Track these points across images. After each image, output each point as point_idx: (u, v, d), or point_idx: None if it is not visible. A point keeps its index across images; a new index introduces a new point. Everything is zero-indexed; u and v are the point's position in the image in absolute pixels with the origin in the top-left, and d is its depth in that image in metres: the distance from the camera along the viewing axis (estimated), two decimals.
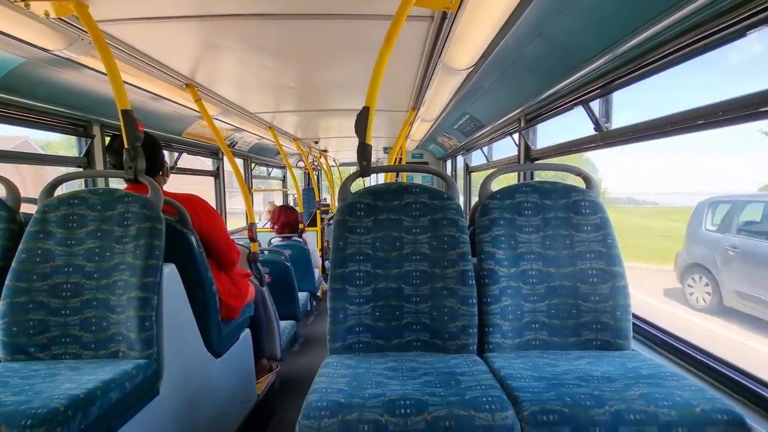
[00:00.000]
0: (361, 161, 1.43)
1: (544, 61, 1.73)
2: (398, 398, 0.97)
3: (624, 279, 1.38)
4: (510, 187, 1.48)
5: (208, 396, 1.68)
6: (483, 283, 1.38)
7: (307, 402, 0.98)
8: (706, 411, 0.92)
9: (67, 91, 1.97)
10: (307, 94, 2.92)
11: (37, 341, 1.32)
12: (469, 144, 4.11)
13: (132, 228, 1.39)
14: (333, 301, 1.34)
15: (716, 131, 1.23)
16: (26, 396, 1.01)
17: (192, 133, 3.25)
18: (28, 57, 1.64)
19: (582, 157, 7.42)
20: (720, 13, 1.04)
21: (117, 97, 1.47)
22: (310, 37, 1.80)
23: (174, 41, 1.77)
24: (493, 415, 0.93)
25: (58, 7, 1.36)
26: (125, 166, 1.49)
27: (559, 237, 1.41)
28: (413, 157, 5.95)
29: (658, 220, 11.25)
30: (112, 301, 1.34)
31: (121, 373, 1.17)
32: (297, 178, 6.15)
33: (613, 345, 1.34)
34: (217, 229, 1.79)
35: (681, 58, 1.26)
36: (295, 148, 4.99)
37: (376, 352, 1.33)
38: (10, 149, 2.06)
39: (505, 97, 2.39)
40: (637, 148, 10.15)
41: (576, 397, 0.98)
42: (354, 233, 1.39)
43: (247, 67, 2.22)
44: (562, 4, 1.30)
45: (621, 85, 1.58)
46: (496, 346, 1.35)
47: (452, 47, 1.68)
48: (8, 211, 1.48)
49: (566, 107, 2.02)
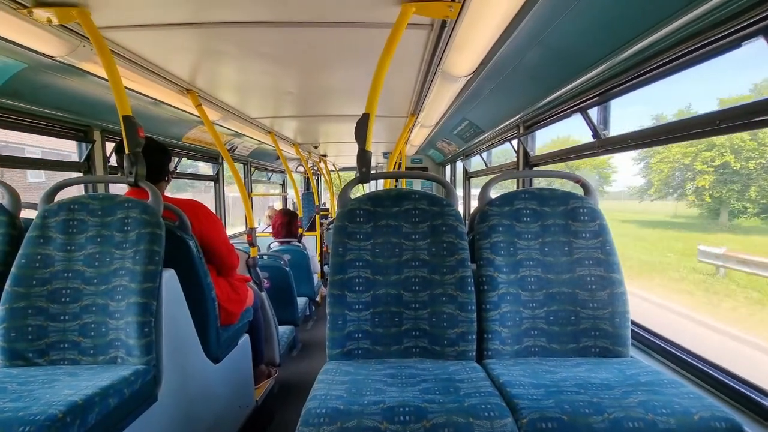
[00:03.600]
0: (360, 167, 1.43)
1: (543, 69, 1.75)
2: (397, 405, 0.97)
3: (622, 286, 1.38)
4: (509, 194, 1.49)
5: (207, 402, 1.67)
6: (482, 290, 1.38)
7: (306, 408, 0.98)
8: (705, 419, 0.93)
9: (69, 96, 1.98)
10: (307, 100, 2.94)
11: (35, 347, 1.31)
12: (469, 149, 4.12)
13: (132, 233, 1.39)
14: (332, 307, 1.34)
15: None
16: (24, 402, 1.01)
17: (192, 138, 3.25)
18: (30, 63, 1.65)
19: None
20: (716, 23, 1.06)
21: (118, 102, 1.48)
22: (311, 44, 1.81)
23: (175, 47, 1.79)
24: (492, 423, 0.93)
25: (61, 14, 1.37)
26: (126, 171, 1.50)
27: (558, 244, 1.42)
28: (413, 162, 5.96)
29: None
30: (112, 306, 1.34)
31: (119, 380, 1.17)
32: (296, 182, 6.15)
33: (612, 352, 1.34)
34: (216, 235, 1.80)
35: (678, 67, 1.27)
36: (295, 152, 5.00)
37: (375, 358, 1.33)
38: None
39: (504, 104, 2.41)
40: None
41: (575, 404, 0.98)
42: (353, 239, 1.39)
43: (248, 73, 2.23)
44: (561, 13, 1.31)
45: (619, 93, 1.60)
46: (495, 352, 1.35)
47: (452, 55, 1.69)
48: (8, 216, 1.48)
49: (565, 114, 2.03)
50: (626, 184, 23.30)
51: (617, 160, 25.28)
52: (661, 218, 16.02)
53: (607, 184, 20.22)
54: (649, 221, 16.14)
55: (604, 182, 19.91)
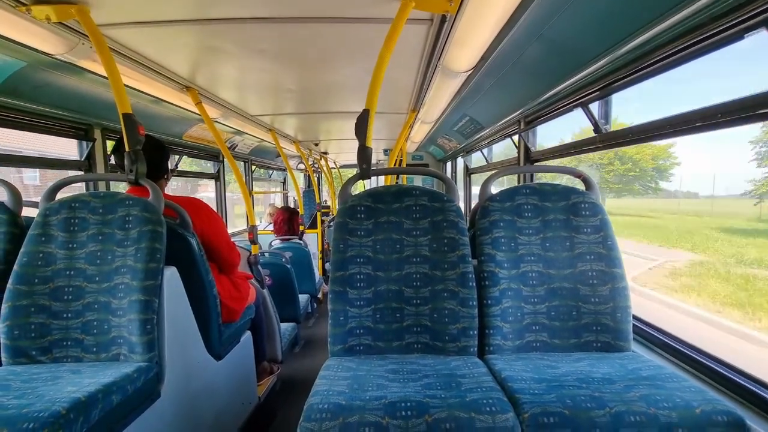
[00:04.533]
0: (361, 164, 1.43)
1: (544, 64, 1.74)
2: (399, 400, 0.97)
3: (624, 280, 1.38)
4: (510, 189, 1.49)
5: (209, 399, 1.68)
6: (483, 285, 1.38)
7: (308, 404, 0.98)
8: (707, 412, 0.93)
9: (68, 94, 1.98)
10: (307, 97, 2.93)
11: (38, 344, 1.32)
12: (469, 146, 4.11)
13: (133, 231, 1.39)
14: (333, 303, 1.35)
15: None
16: (28, 399, 1.01)
17: (192, 136, 3.25)
18: (30, 61, 1.65)
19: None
20: (718, 15, 1.05)
21: (118, 100, 1.47)
22: (310, 40, 1.80)
23: (174, 45, 1.78)
24: (493, 417, 0.94)
25: (60, 12, 1.36)
26: (126, 169, 1.50)
27: (559, 239, 1.42)
28: (413, 158, 5.96)
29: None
30: (114, 304, 1.34)
31: (122, 376, 1.18)
32: (297, 180, 6.16)
33: (614, 346, 1.34)
34: (218, 232, 1.80)
35: (679, 60, 1.26)
36: (296, 150, 5.00)
37: (376, 354, 1.34)
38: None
39: (505, 99, 2.40)
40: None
41: (576, 398, 0.98)
42: (354, 236, 1.39)
43: (248, 71, 2.23)
44: (561, 7, 1.30)
45: (620, 87, 1.59)
46: (497, 348, 1.35)
47: (452, 50, 1.68)
48: (10, 215, 1.49)
49: (566, 109, 2.02)
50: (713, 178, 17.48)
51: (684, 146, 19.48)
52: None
53: (665, 179, 16.71)
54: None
55: (662, 177, 16.54)
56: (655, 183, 17.89)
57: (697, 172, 21.06)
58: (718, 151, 19.12)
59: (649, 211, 17.11)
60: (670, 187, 17.96)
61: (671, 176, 17.30)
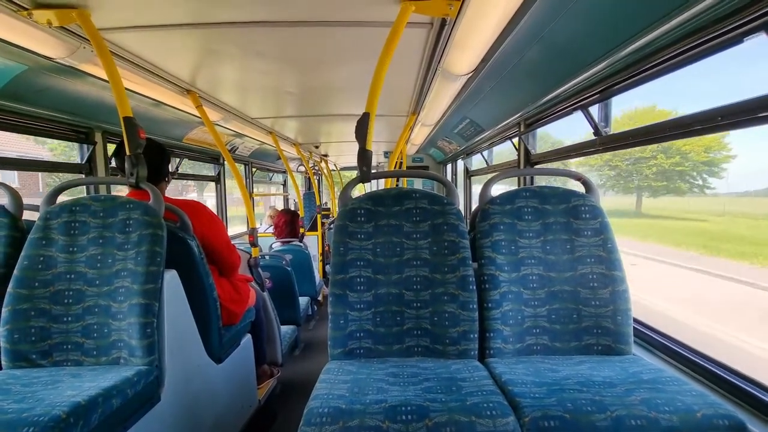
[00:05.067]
0: (361, 167, 1.43)
1: (544, 66, 1.74)
2: (399, 404, 0.97)
3: (624, 283, 1.38)
4: (510, 192, 1.49)
5: (209, 402, 1.67)
6: (484, 288, 1.38)
7: (309, 408, 0.98)
8: (708, 416, 0.92)
9: (69, 98, 1.98)
10: (307, 100, 2.94)
11: (38, 348, 1.32)
12: (469, 148, 4.12)
13: (134, 235, 1.39)
14: (334, 306, 1.34)
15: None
16: (28, 403, 1.01)
17: (193, 139, 3.26)
18: (31, 65, 1.65)
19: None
20: (717, 19, 1.05)
21: (119, 104, 1.48)
22: (311, 43, 1.81)
23: (175, 48, 1.79)
24: (494, 421, 0.93)
25: (61, 16, 1.37)
26: (127, 173, 1.50)
27: (560, 242, 1.42)
28: (414, 161, 5.96)
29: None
30: (114, 307, 1.34)
31: (122, 380, 1.17)
32: (297, 182, 6.16)
33: (614, 350, 1.34)
34: (218, 235, 1.80)
35: (679, 64, 1.26)
36: (296, 153, 5.01)
37: (377, 357, 1.33)
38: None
39: (505, 102, 2.40)
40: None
41: (577, 402, 0.97)
42: (355, 239, 1.39)
43: (248, 74, 2.24)
44: (561, 10, 1.31)
45: (620, 90, 1.59)
46: (497, 351, 1.35)
47: (452, 53, 1.69)
48: (10, 218, 1.49)
49: (566, 112, 2.02)
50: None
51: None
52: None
53: (715, 175, 13.23)
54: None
55: (713, 174, 13.27)
56: (702, 179, 14.30)
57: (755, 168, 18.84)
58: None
59: (713, 215, 13.74)
60: (721, 184, 14.28)
61: (722, 172, 13.94)
